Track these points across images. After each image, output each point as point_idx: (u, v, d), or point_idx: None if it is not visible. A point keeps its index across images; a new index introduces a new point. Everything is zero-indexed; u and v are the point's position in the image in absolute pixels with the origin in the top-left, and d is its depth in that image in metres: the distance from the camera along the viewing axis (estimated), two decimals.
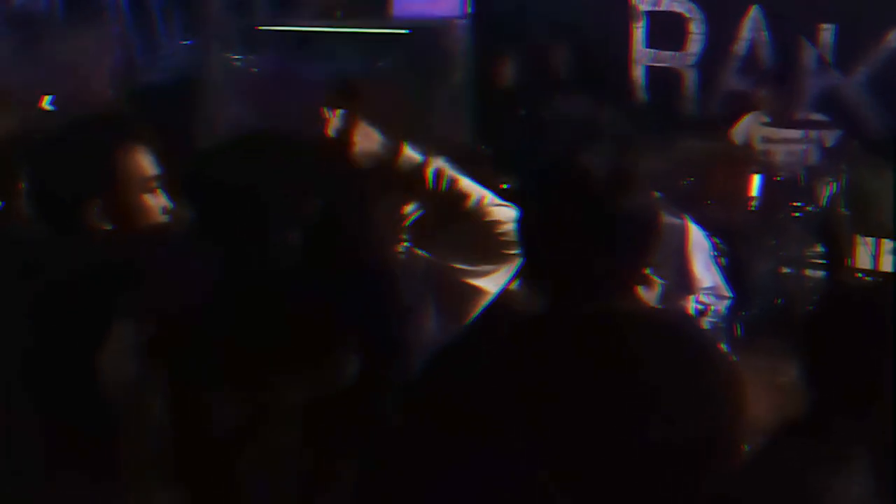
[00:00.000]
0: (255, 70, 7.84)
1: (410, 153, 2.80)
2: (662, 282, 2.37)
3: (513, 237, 2.63)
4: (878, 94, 8.69)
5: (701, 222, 7.53)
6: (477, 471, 1.96)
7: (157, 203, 2.68)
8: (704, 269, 5.59)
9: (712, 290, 5.15)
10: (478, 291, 2.57)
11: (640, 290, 2.28)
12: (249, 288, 2.14)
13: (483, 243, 2.70)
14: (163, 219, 2.64)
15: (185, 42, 8.52)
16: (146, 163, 2.73)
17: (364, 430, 2.15)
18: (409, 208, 2.58)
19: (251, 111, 7.23)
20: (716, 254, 7.44)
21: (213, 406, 2.10)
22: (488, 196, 2.79)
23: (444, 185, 2.76)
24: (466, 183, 2.78)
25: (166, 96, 7.34)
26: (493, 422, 1.92)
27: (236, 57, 7.86)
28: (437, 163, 2.77)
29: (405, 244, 2.48)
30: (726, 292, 5.31)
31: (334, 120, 6.28)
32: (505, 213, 2.74)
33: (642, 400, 1.73)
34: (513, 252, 2.63)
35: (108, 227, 2.56)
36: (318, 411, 2.14)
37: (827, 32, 8.84)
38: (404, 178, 2.68)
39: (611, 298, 2.20)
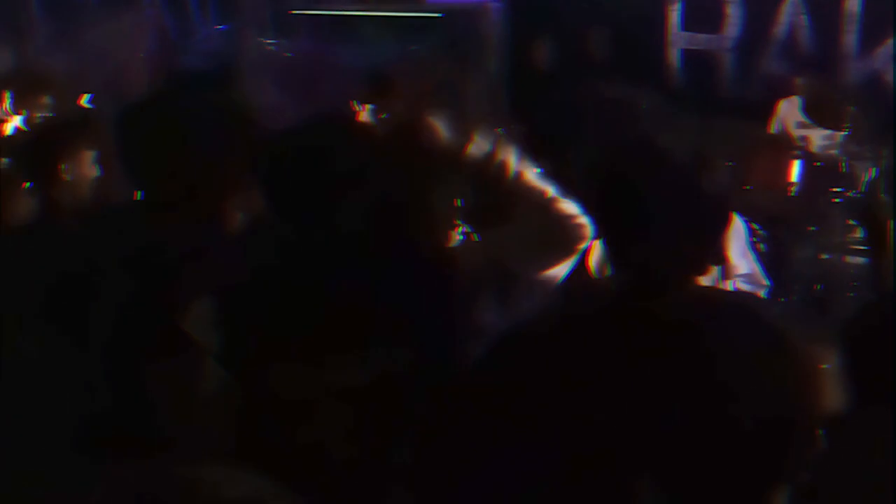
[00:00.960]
0: (290, 55, 7.83)
1: (480, 143, 2.78)
2: None
3: (576, 231, 2.65)
4: None
5: (739, 207, 7.49)
6: (527, 463, 1.94)
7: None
8: (741, 255, 5.54)
9: (748, 277, 5.10)
10: (541, 282, 2.58)
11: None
12: (310, 271, 2.16)
13: (548, 237, 2.71)
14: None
15: (219, 27, 8.55)
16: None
17: (413, 419, 2.13)
18: (466, 197, 2.58)
19: (285, 95, 7.25)
20: (755, 240, 7.40)
21: (272, 381, 2.11)
22: (552, 190, 2.78)
23: (509, 175, 2.75)
24: (531, 174, 2.77)
25: (203, 81, 7.34)
26: (553, 412, 1.89)
27: (270, 42, 7.87)
28: (505, 153, 2.76)
29: (462, 232, 2.47)
30: (763, 279, 5.26)
31: (364, 113, 6.26)
32: (569, 208, 2.75)
33: (725, 387, 1.69)
34: (576, 246, 2.61)
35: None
36: (368, 398, 2.13)
37: (854, 3, 8.73)
38: (470, 168, 2.67)
39: (689, 281, 2.15)
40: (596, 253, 3.02)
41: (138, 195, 2.97)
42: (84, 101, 5.83)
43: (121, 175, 2.98)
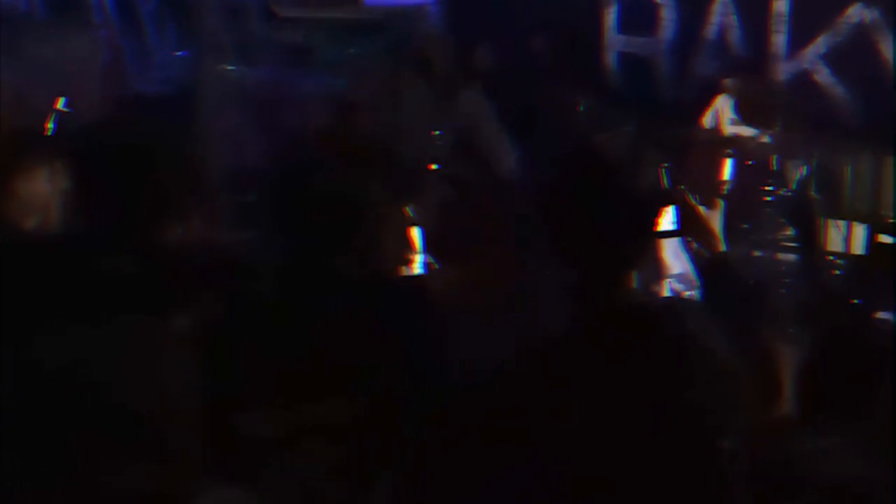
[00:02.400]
0: (251, 81, 7.83)
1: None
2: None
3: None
4: (838, 67, 8.80)
5: (671, 204, 7.65)
6: (509, 481, 2.03)
7: None
8: (673, 255, 5.67)
9: (681, 277, 5.22)
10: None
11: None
12: (298, 302, 2.18)
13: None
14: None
15: (178, 53, 8.50)
16: None
17: (398, 445, 2.16)
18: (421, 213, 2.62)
19: (246, 121, 7.27)
20: (689, 238, 7.56)
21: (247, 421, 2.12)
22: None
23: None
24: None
25: (162, 107, 7.33)
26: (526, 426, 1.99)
27: (231, 68, 7.85)
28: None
29: (424, 262, 2.51)
30: (695, 278, 5.38)
31: (323, 130, 6.32)
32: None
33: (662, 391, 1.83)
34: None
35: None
36: (351, 434, 2.15)
37: (782, 2, 8.92)
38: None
39: (625, 279, 2.23)
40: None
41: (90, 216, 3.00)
42: (60, 104, 5.84)
43: (74, 195, 3.03)
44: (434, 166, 3.27)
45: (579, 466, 1.94)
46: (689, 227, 7.94)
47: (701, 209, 3.01)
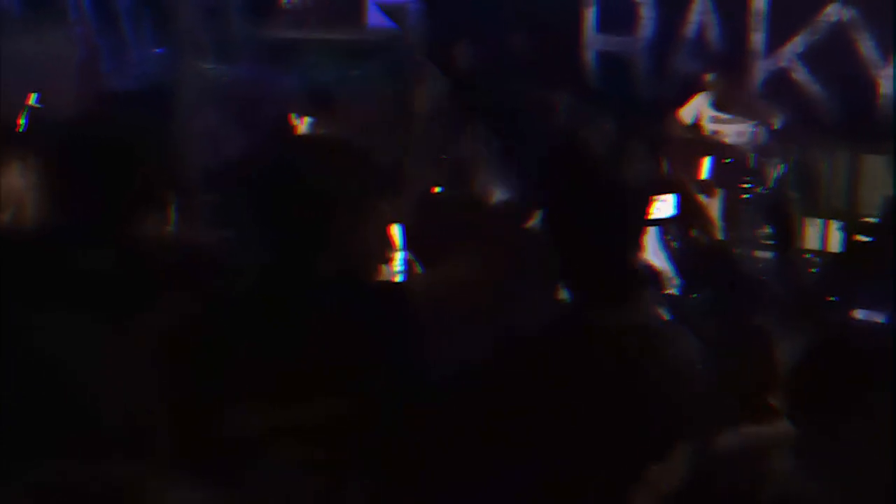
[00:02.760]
0: (229, 79, 7.81)
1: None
2: None
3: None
4: (815, 66, 8.88)
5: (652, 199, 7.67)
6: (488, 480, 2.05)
7: None
8: (652, 253, 5.71)
9: (658, 276, 5.25)
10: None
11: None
12: (277, 301, 2.17)
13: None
14: None
15: (155, 50, 8.46)
16: None
17: (377, 446, 2.15)
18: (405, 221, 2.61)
19: (224, 120, 7.26)
20: (668, 237, 7.60)
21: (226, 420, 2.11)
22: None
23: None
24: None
25: (138, 104, 7.31)
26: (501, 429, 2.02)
27: (209, 66, 7.87)
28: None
29: (405, 262, 2.49)
30: (673, 276, 5.42)
31: (302, 127, 6.34)
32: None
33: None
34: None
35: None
36: (324, 435, 2.14)
37: (760, 1, 8.98)
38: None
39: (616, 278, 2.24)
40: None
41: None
42: (32, 100, 5.82)
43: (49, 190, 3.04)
44: (437, 189, 3.34)
45: (553, 466, 1.98)
46: (688, 215, 8.02)
47: (700, 197, 3.02)
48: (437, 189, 2.88)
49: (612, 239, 2.27)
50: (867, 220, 8.12)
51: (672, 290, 5.72)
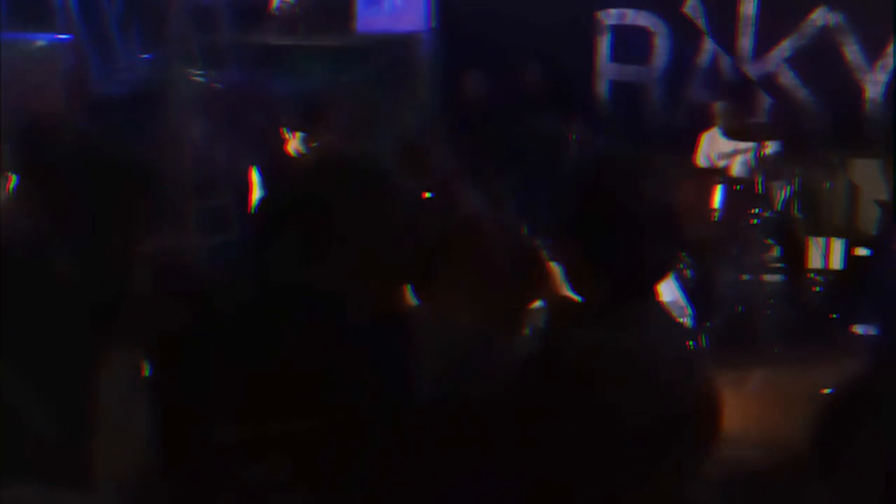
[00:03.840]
0: (218, 86, 7.83)
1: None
2: None
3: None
4: (802, 70, 8.95)
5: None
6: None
7: None
8: (663, 283, 5.71)
9: (672, 305, 5.29)
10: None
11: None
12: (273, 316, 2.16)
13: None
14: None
15: (144, 56, 8.43)
16: None
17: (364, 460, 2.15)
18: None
19: (213, 127, 7.30)
20: (681, 266, 7.63)
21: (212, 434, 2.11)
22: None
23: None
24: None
25: (125, 110, 7.32)
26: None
27: (198, 72, 7.82)
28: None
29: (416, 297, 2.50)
30: (685, 306, 5.44)
31: (294, 141, 6.40)
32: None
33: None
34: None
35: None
36: (315, 443, 2.14)
37: (749, 5, 9.05)
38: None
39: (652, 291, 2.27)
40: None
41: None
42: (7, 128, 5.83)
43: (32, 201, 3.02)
44: (428, 195, 3.33)
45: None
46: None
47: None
48: (427, 195, 2.88)
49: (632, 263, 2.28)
50: (866, 232, 8.18)
51: (685, 320, 5.74)
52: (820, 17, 8.84)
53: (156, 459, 2.10)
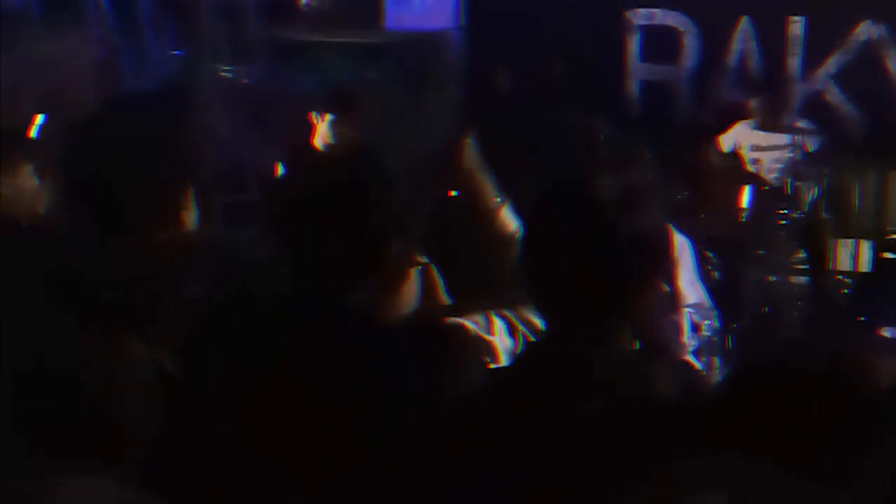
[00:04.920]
0: (247, 82, 7.88)
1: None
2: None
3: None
4: (847, 86, 8.91)
5: (694, 236, 7.74)
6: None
7: None
8: (689, 284, 5.69)
9: (696, 307, 5.28)
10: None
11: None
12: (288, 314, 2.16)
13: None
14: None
15: (174, 52, 8.42)
16: None
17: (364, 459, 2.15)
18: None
19: (242, 122, 7.35)
20: (708, 267, 7.63)
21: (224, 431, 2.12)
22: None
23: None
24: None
25: (156, 106, 7.37)
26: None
27: (227, 68, 7.87)
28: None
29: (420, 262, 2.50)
30: (711, 308, 5.43)
31: (322, 126, 6.44)
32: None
33: None
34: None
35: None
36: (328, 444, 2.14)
37: (797, 25, 9.04)
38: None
39: (623, 317, 2.22)
40: None
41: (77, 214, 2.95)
42: (39, 120, 5.91)
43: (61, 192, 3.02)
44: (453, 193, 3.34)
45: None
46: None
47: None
48: (452, 193, 2.89)
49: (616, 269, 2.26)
50: (894, 237, 8.20)
51: (712, 321, 5.74)
52: (864, 31, 8.83)
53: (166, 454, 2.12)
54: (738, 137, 8.48)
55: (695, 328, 5.10)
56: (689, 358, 4.36)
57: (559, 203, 2.32)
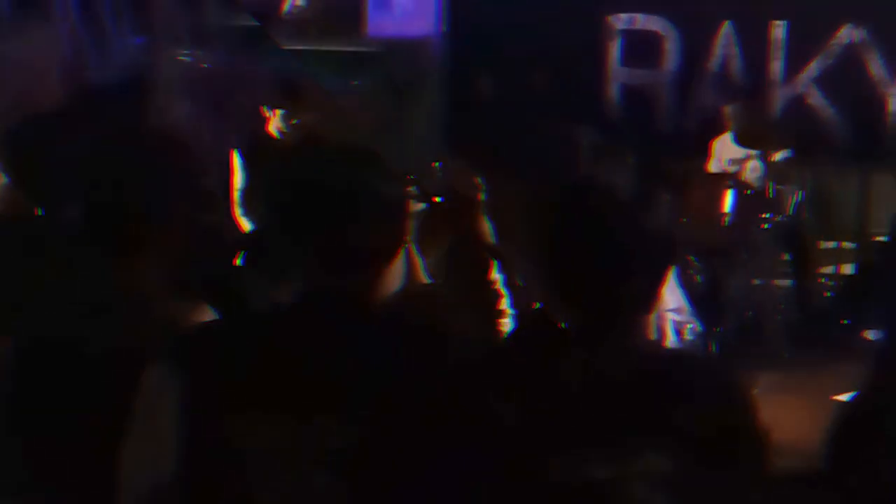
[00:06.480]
0: (204, 67, 7.86)
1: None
2: None
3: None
4: (829, 90, 8.90)
5: (678, 241, 7.75)
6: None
7: None
8: (669, 289, 5.70)
9: (677, 311, 5.28)
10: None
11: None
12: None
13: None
14: None
15: (134, 40, 8.29)
16: None
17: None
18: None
19: (201, 108, 7.32)
20: (690, 272, 7.63)
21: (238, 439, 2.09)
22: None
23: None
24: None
25: (117, 94, 7.35)
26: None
27: (186, 54, 7.80)
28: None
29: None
30: (690, 313, 5.43)
31: (275, 119, 6.45)
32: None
33: None
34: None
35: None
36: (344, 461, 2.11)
37: (779, 29, 9.02)
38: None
39: (632, 320, 2.22)
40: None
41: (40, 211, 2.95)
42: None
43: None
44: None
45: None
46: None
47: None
48: (437, 199, 2.88)
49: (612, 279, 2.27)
50: (877, 239, 8.20)
51: (692, 325, 5.73)
52: (846, 34, 8.83)
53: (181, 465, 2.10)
54: (720, 143, 8.49)
55: (677, 332, 5.10)
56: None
57: (546, 205, 2.31)
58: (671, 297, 5.28)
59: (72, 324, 2.45)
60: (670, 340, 5.75)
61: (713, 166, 8.54)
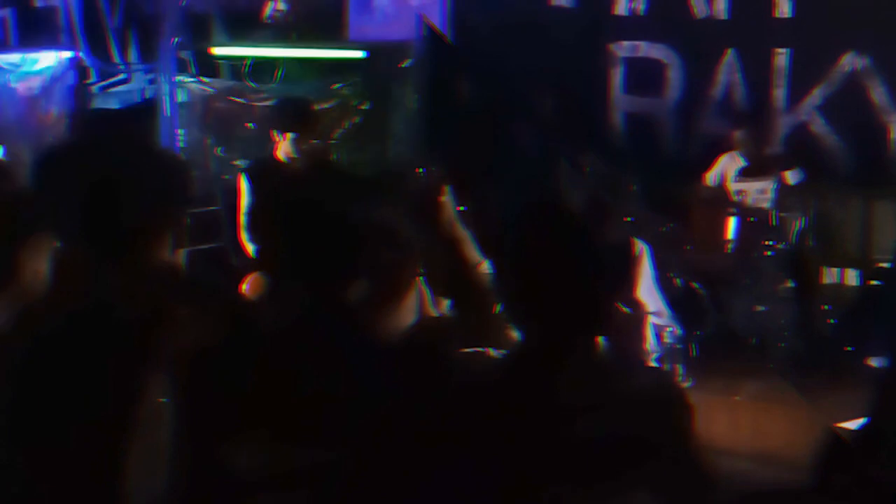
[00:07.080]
0: (210, 93, 7.91)
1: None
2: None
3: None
4: (832, 117, 8.90)
5: (681, 267, 7.76)
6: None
7: None
8: (647, 293, 5.71)
9: (656, 314, 5.30)
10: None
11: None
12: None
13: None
14: None
15: (140, 66, 8.49)
16: None
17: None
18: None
19: (206, 134, 7.37)
20: (671, 275, 7.61)
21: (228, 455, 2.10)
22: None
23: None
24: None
25: (122, 120, 7.40)
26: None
27: (191, 81, 7.90)
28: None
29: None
30: (669, 316, 5.46)
31: (284, 143, 6.49)
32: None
33: None
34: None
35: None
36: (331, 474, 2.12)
37: (782, 57, 9.06)
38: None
39: (592, 327, 2.24)
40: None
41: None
42: None
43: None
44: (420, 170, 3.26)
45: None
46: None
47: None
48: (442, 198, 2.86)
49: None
50: (881, 265, 8.20)
51: (672, 328, 5.76)
52: (848, 62, 8.85)
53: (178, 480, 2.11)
54: (723, 169, 8.50)
55: (657, 336, 5.15)
56: (653, 364, 4.42)
57: (537, 223, 2.32)
58: (650, 300, 5.30)
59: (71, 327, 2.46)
60: (650, 343, 5.78)
61: (712, 178, 8.52)
